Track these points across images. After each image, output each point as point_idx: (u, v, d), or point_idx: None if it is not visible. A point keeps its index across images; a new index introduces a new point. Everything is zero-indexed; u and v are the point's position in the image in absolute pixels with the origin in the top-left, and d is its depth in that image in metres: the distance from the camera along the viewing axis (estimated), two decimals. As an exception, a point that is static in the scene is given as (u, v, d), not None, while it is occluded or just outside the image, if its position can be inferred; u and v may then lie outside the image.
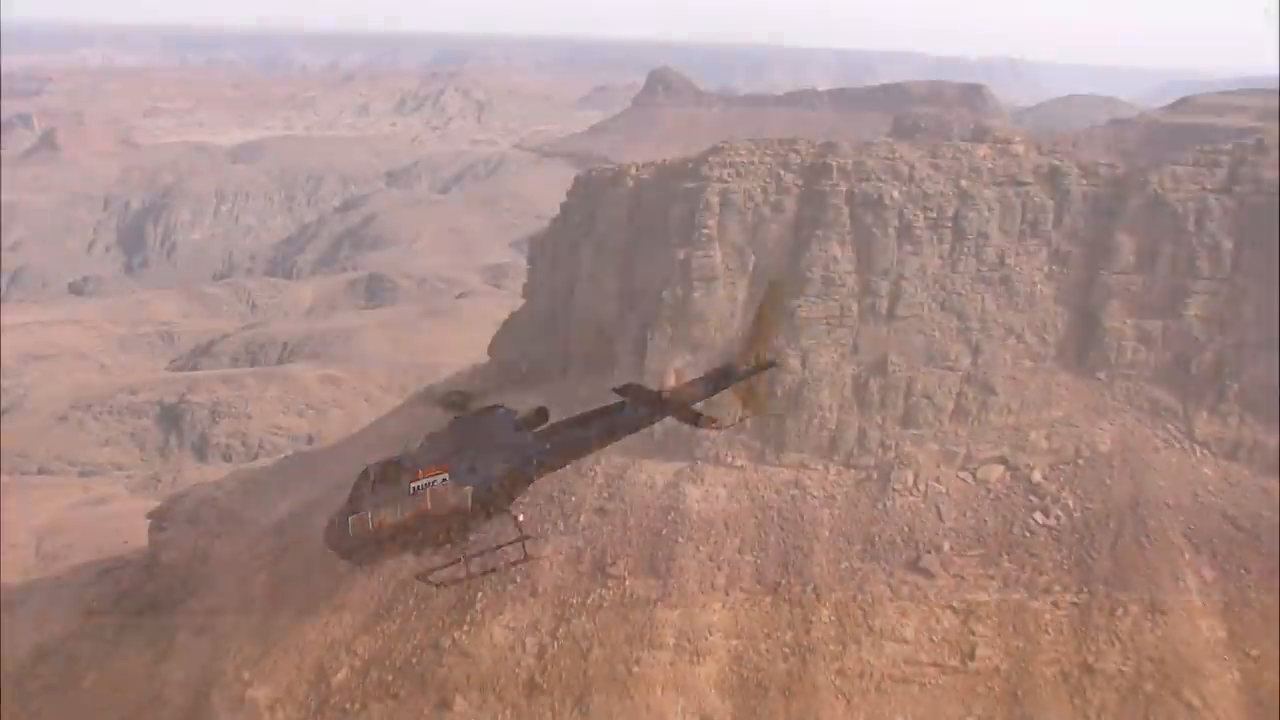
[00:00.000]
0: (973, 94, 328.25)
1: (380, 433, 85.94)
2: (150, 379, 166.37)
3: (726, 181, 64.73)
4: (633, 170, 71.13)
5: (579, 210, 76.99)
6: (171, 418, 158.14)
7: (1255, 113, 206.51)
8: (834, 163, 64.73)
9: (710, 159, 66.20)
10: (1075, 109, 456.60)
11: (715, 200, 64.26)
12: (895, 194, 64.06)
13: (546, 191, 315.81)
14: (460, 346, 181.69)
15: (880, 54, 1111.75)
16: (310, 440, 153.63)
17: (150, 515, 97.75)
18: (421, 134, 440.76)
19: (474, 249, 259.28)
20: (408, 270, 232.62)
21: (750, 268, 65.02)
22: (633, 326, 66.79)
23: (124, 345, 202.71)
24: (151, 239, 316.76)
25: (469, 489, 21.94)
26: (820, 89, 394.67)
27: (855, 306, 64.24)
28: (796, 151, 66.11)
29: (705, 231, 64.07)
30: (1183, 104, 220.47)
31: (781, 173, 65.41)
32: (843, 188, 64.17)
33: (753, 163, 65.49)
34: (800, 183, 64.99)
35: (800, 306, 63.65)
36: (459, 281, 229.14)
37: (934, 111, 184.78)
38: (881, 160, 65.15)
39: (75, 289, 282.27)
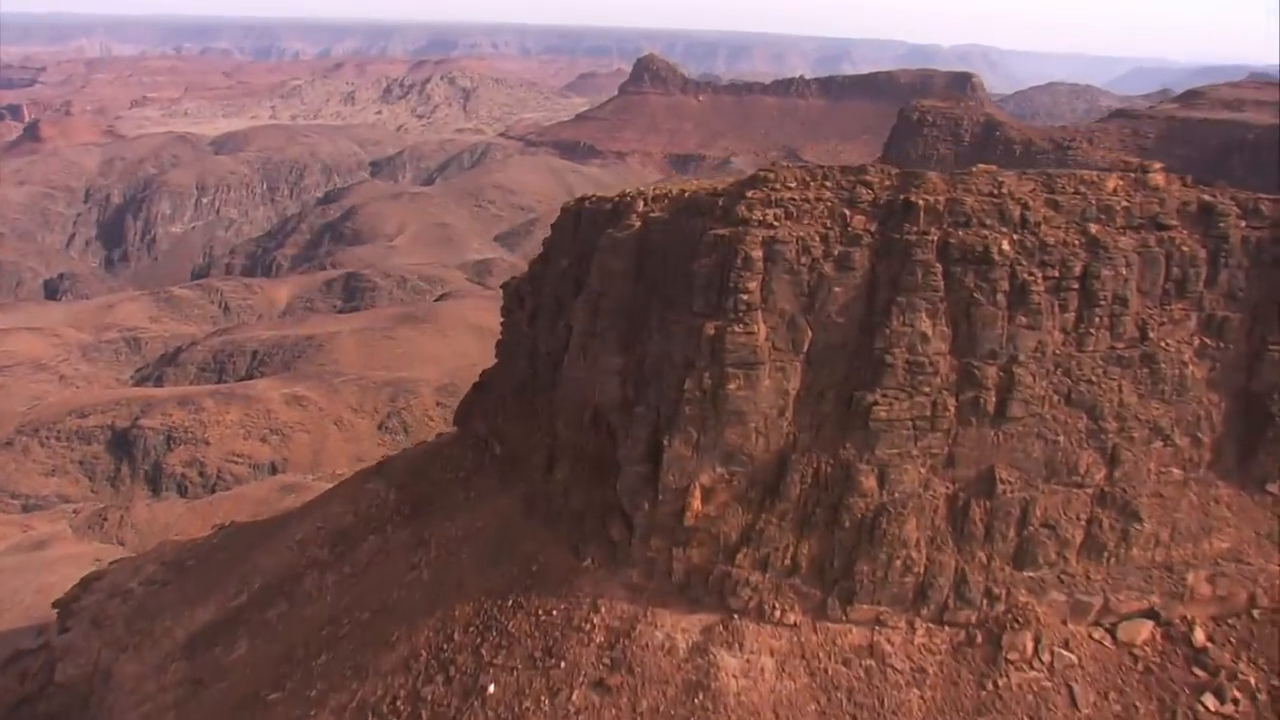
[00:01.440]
0: (963, 83, 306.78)
1: (325, 512, 65.35)
2: (102, 399, 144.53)
3: (772, 226, 43.40)
4: (640, 204, 49.60)
5: (567, 250, 55.63)
6: (123, 444, 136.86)
7: (1276, 108, 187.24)
8: (920, 200, 43.44)
9: (749, 194, 44.63)
10: (1057, 97, 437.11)
11: (757, 253, 42.87)
12: (1005, 245, 43.19)
13: (531, 183, 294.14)
14: (437, 357, 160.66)
15: (857, 41, 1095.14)
16: (274, 469, 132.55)
17: (56, 605, 77.16)
18: (407, 122, 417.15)
19: (457, 244, 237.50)
20: (387, 268, 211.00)
21: (806, 347, 43.96)
22: (643, 423, 45.35)
23: (87, 354, 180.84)
24: (131, 233, 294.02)
25: None
26: (802, 75, 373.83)
27: (951, 402, 43.12)
28: (867, 184, 44.68)
29: (744, 298, 42.77)
30: (1192, 96, 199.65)
31: (847, 214, 44.03)
32: (933, 236, 42.99)
33: (807, 199, 44.16)
34: (874, 229, 43.80)
35: (876, 404, 42.76)
36: (440, 280, 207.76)
37: (943, 105, 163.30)
38: (984, 197, 43.96)
39: (50, 288, 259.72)
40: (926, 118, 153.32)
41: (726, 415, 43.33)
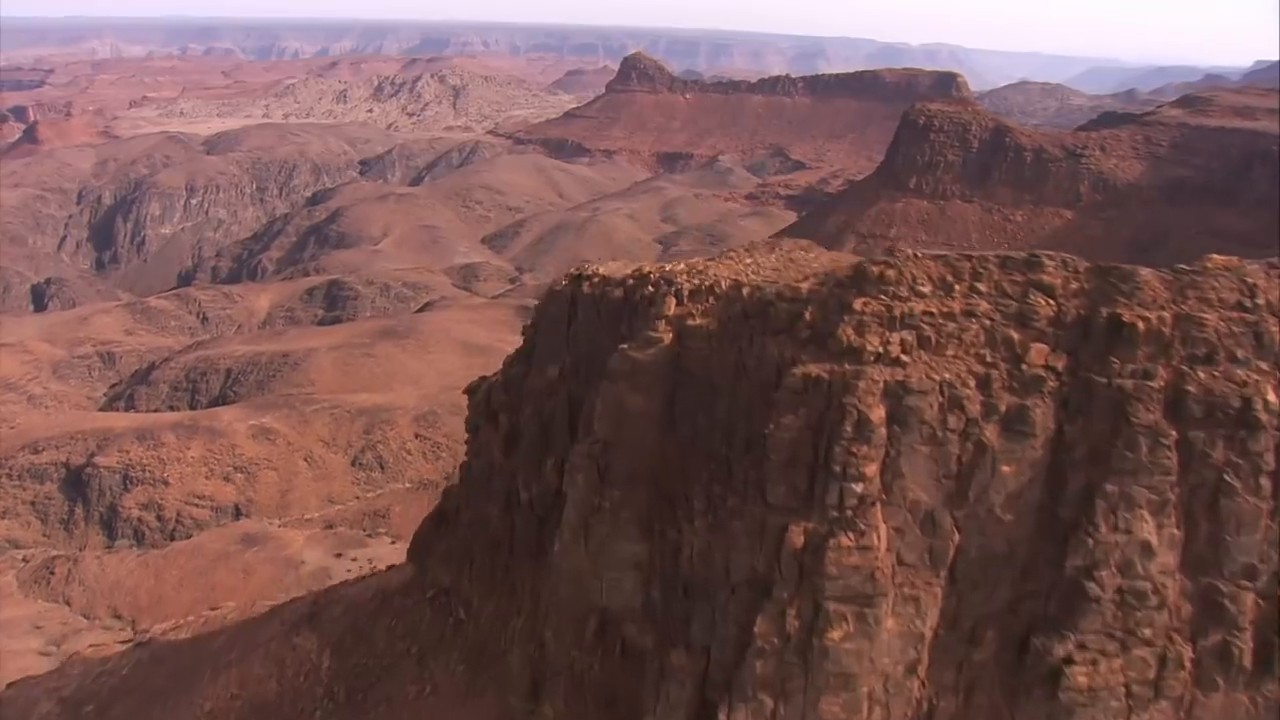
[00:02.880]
0: (948, 83, 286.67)
1: (243, 672, 46.08)
2: (58, 432, 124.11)
3: (899, 363, 24.10)
4: (670, 300, 29.73)
5: (556, 353, 36.05)
6: (77, 484, 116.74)
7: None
8: (1136, 319, 24.59)
9: (857, 302, 25.25)
10: (1029, 96, 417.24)
11: (878, 411, 23.70)
12: (1271, 395, 24.22)
13: (518, 182, 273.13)
14: (418, 375, 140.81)
15: (831, 40, 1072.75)
16: (238, 512, 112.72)
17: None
18: (398, 120, 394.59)
19: (443, 246, 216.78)
20: (371, 274, 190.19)
21: (951, 561, 24.60)
22: (682, 680, 26.05)
23: (58, 371, 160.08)
24: (121, 235, 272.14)
25: None
26: (788, 74, 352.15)
27: (1187, 653, 24.31)
28: (1045, 287, 25.14)
29: (857, 488, 23.53)
30: (1196, 102, 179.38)
31: (1016, 339, 25.09)
32: (1159, 379, 24.18)
33: (952, 314, 24.95)
34: (1061, 366, 24.82)
35: (1071, 661, 23.68)
36: (424, 286, 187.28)
37: (951, 110, 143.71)
38: (1230, 312, 24.97)
39: (38, 294, 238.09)
40: (934, 123, 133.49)
41: (824, 677, 24.19)
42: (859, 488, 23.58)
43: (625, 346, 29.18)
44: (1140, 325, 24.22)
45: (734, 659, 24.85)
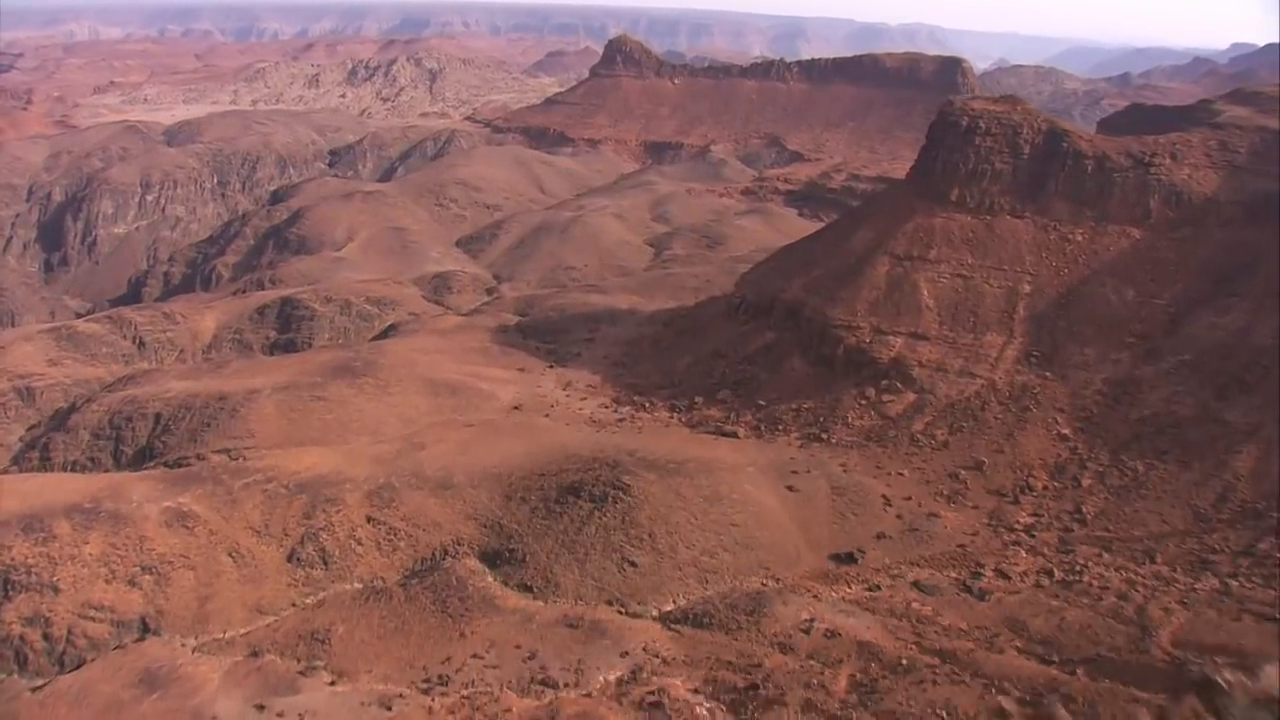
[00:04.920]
0: (953, 69, 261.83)
1: None
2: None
3: None
4: None
5: None
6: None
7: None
8: None
9: None
10: (1023, 79, 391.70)
11: None
12: None
13: (497, 178, 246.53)
14: (377, 422, 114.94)
15: (809, 19, 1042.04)
16: (144, 628, 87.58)
17: None
18: (372, 106, 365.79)
19: (413, 252, 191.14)
20: (332, 287, 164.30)
21: None
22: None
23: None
24: (71, 235, 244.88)
25: None
26: (782, 58, 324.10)
27: None
28: None
29: None
30: (1258, 99, 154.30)
31: None
32: None
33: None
34: None
35: None
36: (391, 302, 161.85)
37: (998, 109, 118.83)
38: None
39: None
40: (978, 124, 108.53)
41: None
42: None
43: None
44: None
45: None
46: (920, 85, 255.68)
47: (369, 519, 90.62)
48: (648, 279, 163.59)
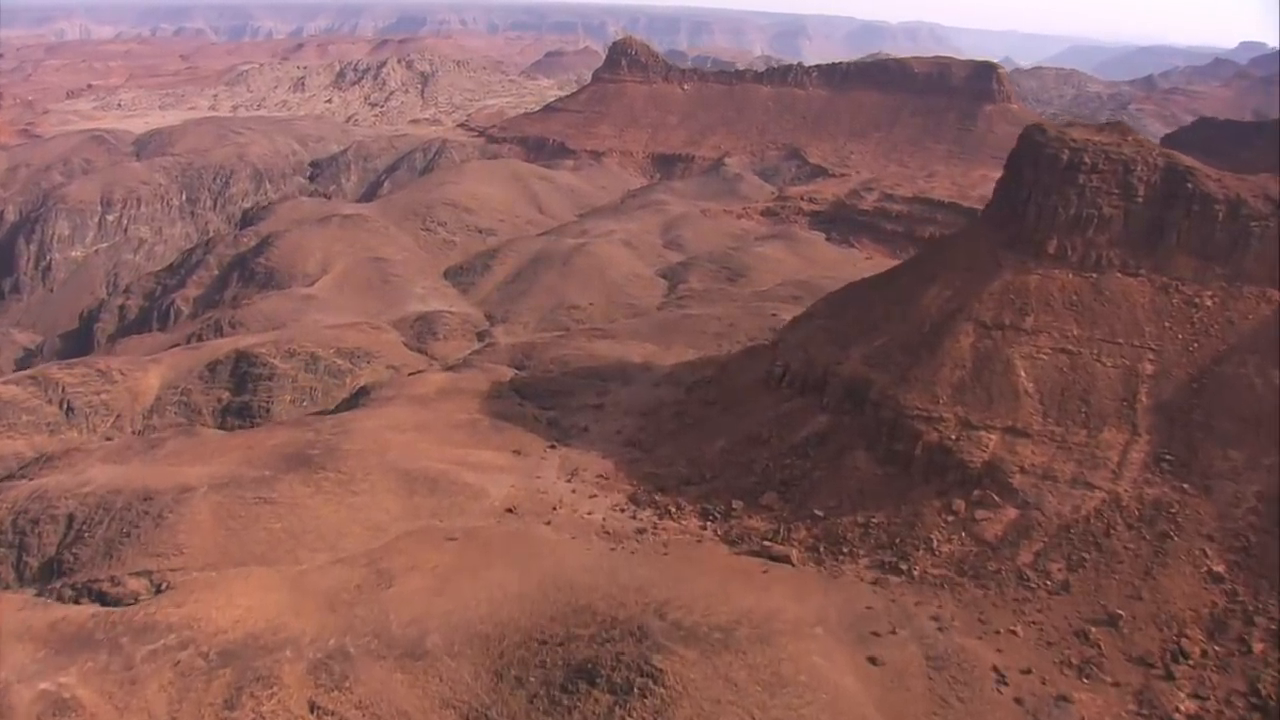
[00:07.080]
0: (987, 75, 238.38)
1: None
2: None
3: None
4: None
5: None
6: None
7: None
8: None
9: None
10: (1044, 82, 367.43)
11: None
12: None
13: (491, 197, 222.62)
14: (334, 535, 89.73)
15: (809, 17, 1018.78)
16: None
17: None
18: (359, 112, 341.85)
19: (395, 287, 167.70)
20: (297, 336, 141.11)
21: None
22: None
23: None
24: (24, 259, 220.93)
25: None
26: (800, 62, 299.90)
27: None
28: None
29: None
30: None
31: None
32: None
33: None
34: None
35: None
36: (365, 354, 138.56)
37: (1105, 141, 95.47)
38: None
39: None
40: (1081, 159, 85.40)
41: None
42: None
43: None
44: None
45: None
46: (951, 92, 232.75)
47: (312, 707, 66.43)
48: (662, 321, 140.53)
